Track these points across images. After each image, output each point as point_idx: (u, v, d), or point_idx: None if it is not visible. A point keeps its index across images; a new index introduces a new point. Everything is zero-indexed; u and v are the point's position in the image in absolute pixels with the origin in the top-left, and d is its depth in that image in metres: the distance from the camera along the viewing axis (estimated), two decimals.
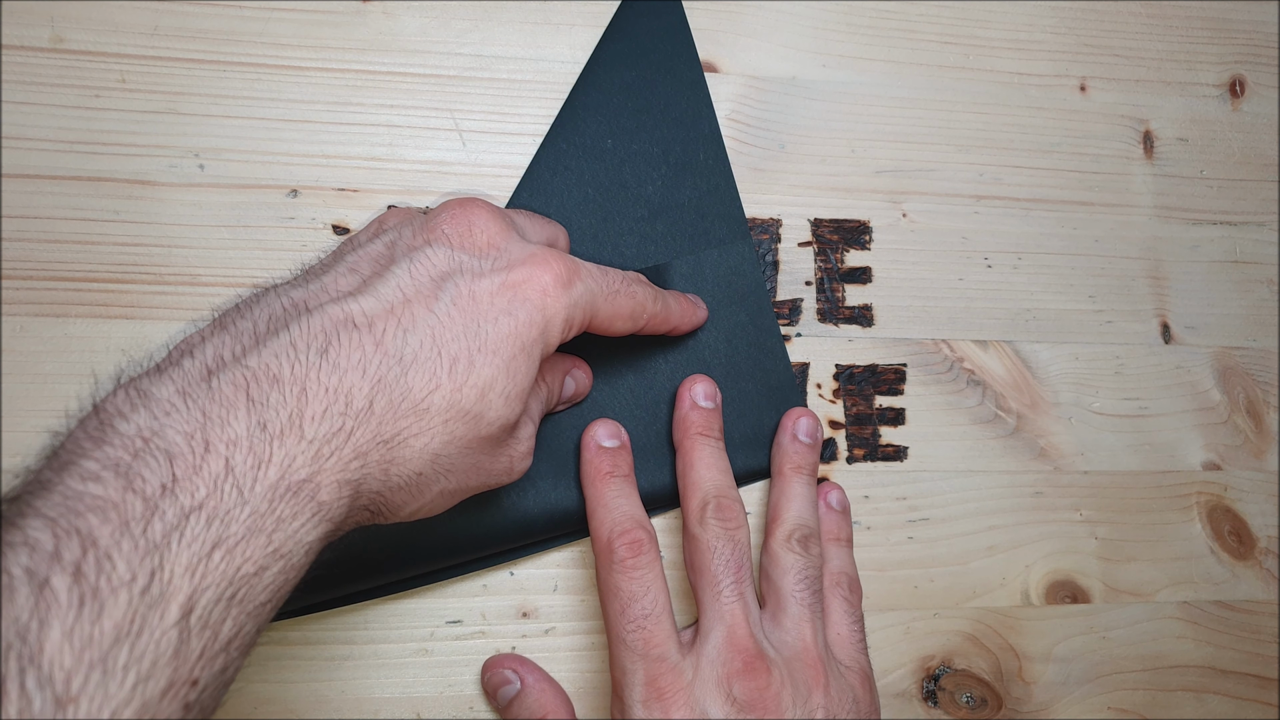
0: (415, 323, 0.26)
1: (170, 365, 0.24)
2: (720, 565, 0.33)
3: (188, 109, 0.36)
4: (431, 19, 0.38)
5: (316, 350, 0.25)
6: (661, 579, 0.33)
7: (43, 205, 0.35)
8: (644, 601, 0.32)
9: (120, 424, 0.22)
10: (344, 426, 0.24)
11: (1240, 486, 0.43)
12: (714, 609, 0.33)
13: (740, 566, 0.34)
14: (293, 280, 0.29)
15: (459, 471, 0.28)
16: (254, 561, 0.22)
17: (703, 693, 0.31)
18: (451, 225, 0.29)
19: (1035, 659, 0.40)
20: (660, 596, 0.33)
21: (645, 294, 0.33)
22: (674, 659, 0.32)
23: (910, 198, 0.41)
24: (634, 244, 0.38)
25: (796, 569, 0.35)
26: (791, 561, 0.35)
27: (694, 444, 0.36)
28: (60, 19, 0.35)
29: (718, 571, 0.33)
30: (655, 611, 0.32)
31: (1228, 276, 0.44)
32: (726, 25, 0.40)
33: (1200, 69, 0.45)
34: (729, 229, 0.39)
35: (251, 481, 0.22)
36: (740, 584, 0.33)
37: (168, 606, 0.20)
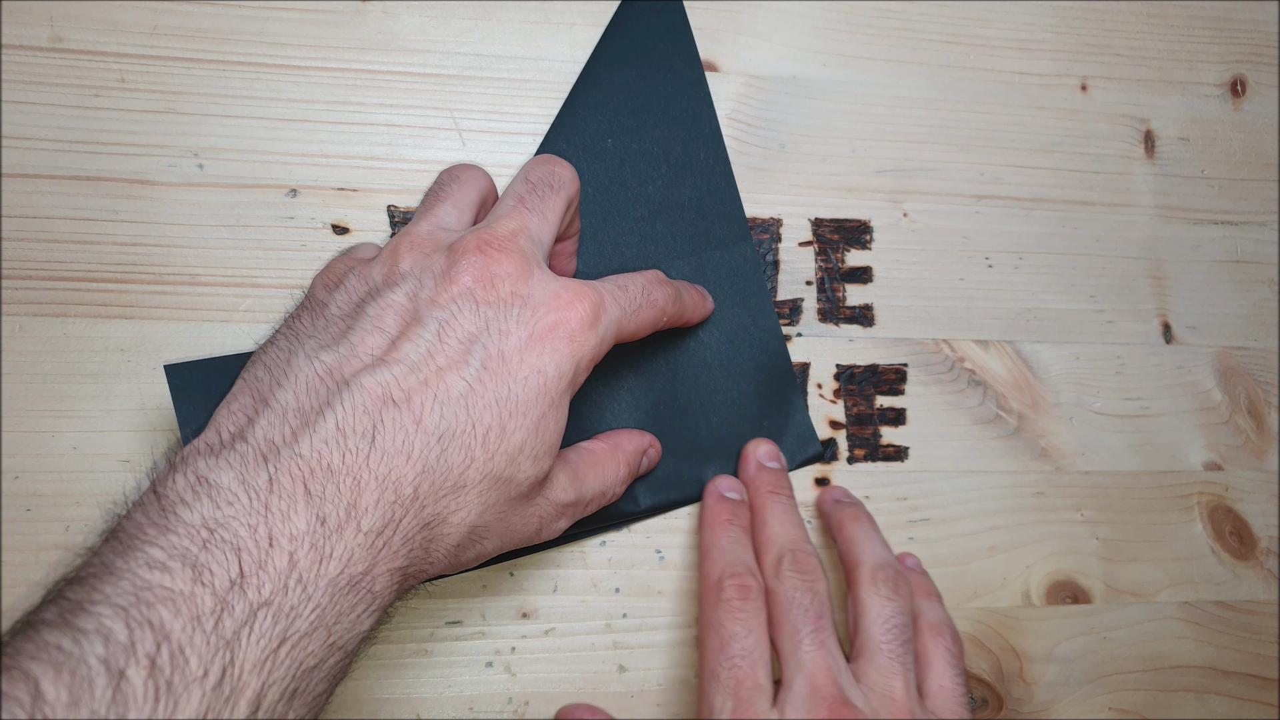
0: (450, 395, 0.26)
1: (225, 448, 0.24)
2: (799, 615, 0.33)
3: (187, 108, 0.36)
4: (431, 18, 0.38)
5: (364, 436, 0.25)
6: (765, 629, 0.33)
7: (42, 205, 0.35)
8: (745, 642, 0.32)
9: (184, 512, 0.22)
10: (394, 517, 0.25)
11: (1241, 487, 0.43)
12: (795, 659, 0.32)
13: (820, 616, 0.33)
14: (312, 326, 0.28)
15: (493, 536, 0.28)
16: (315, 655, 0.23)
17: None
18: (474, 278, 0.28)
19: (1036, 659, 0.40)
20: (762, 642, 0.32)
21: (665, 297, 0.33)
22: (763, 705, 0.31)
23: (911, 197, 0.41)
24: (634, 243, 0.38)
25: (884, 616, 0.34)
26: (879, 608, 0.34)
27: (765, 501, 0.36)
28: (60, 18, 0.35)
29: (797, 621, 0.33)
30: (754, 653, 0.32)
31: (1229, 276, 0.44)
32: (727, 25, 0.40)
33: (1201, 68, 0.44)
34: (729, 229, 0.39)
35: (314, 577, 0.23)
36: (820, 632, 0.33)
37: (238, 702, 0.21)
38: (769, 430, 0.38)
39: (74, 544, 0.34)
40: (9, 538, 0.34)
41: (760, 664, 0.32)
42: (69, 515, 0.34)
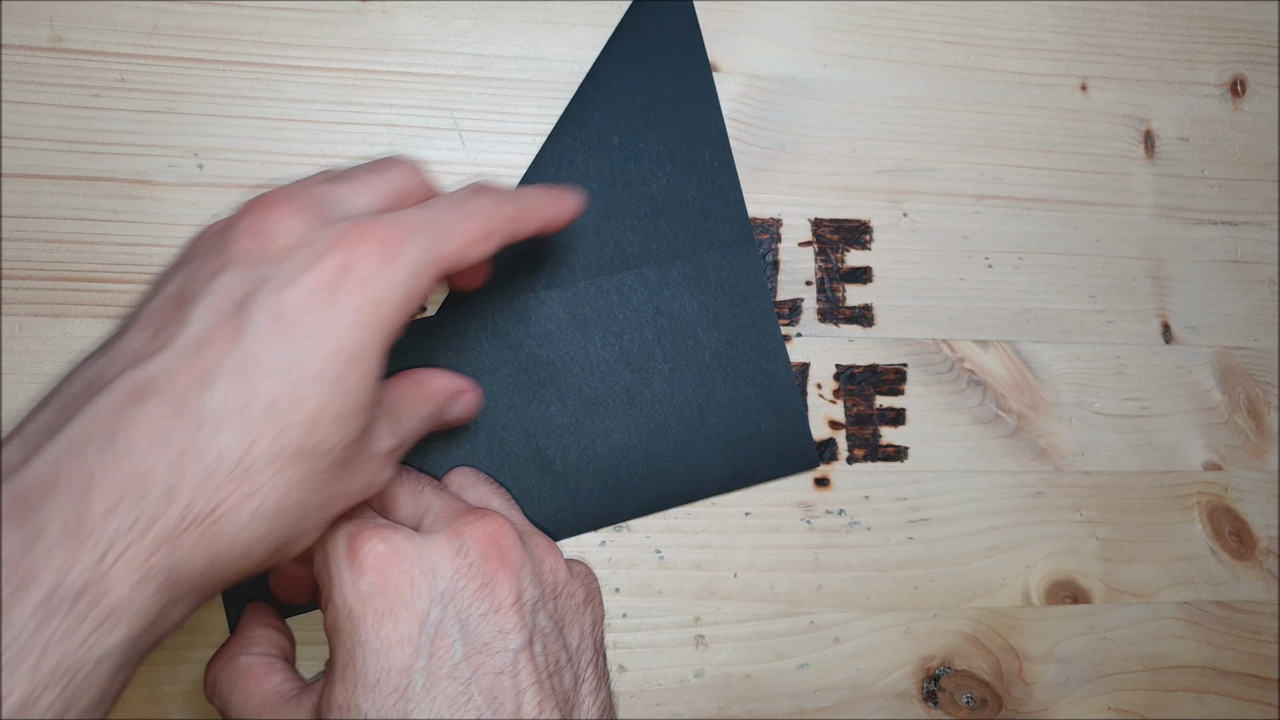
0: (218, 371, 0.23)
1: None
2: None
3: (187, 109, 0.36)
4: (431, 18, 0.38)
5: (104, 439, 0.22)
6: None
7: (42, 205, 0.35)
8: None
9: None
10: (139, 518, 0.22)
11: (1241, 487, 0.43)
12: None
13: None
14: (104, 342, 0.26)
15: (315, 508, 0.26)
16: (23, 687, 0.20)
17: None
18: (248, 236, 0.25)
19: (1036, 659, 0.40)
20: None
21: (490, 202, 0.29)
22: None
23: (911, 197, 0.41)
24: (636, 241, 0.38)
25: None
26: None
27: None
28: (60, 18, 0.35)
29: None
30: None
31: (1229, 276, 0.44)
32: (727, 25, 0.40)
33: (1201, 68, 0.44)
34: (732, 231, 0.39)
35: (12, 606, 0.21)
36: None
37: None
38: (766, 433, 0.38)
39: None
40: None
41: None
42: None
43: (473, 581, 0.27)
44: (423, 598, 0.26)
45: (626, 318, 0.37)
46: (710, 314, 0.38)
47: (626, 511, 0.37)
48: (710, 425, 0.38)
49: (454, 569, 0.27)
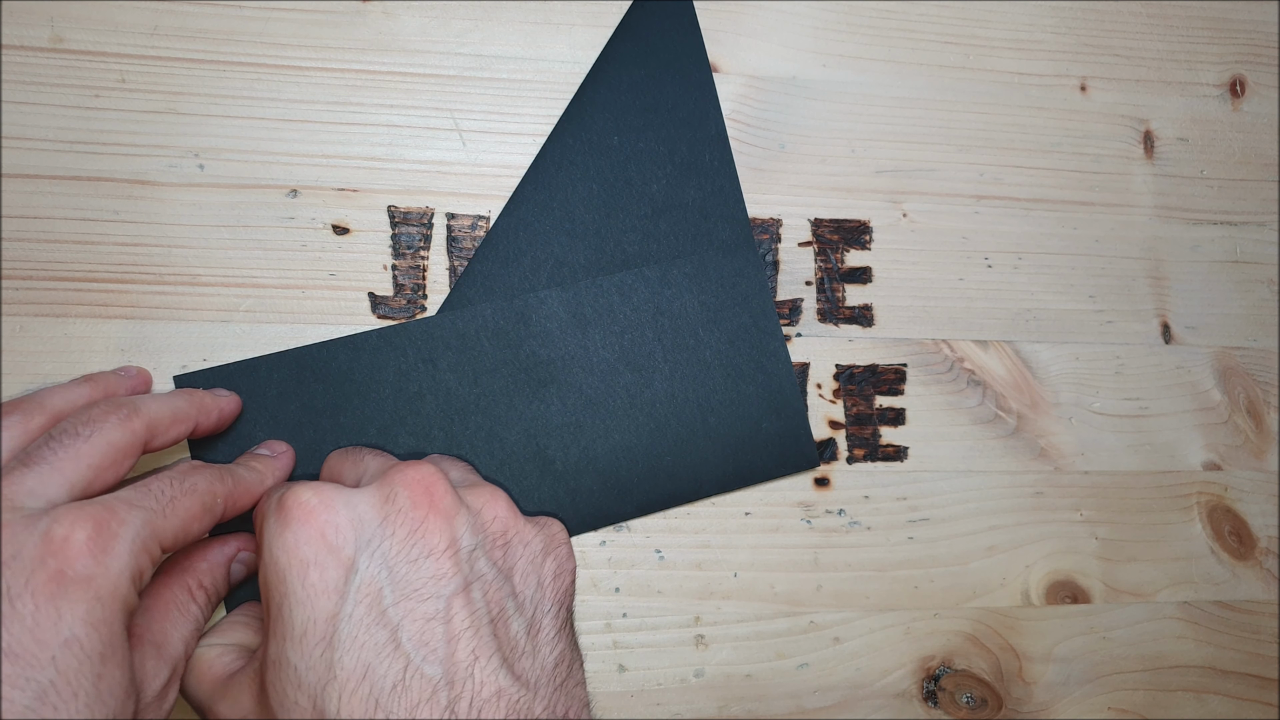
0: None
1: None
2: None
3: (187, 109, 0.36)
4: (431, 19, 0.38)
5: None
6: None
7: (43, 205, 0.35)
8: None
9: None
10: None
11: (1240, 487, 0.43)
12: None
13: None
14: None
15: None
16: None
17: None
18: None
19: (1035, 659, 0.40)
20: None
21: (206, 479, 0.28)
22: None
23: (910, 198, 0.41)
24: (636, 241, 0.38)
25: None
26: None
27: None
28: (60, 19, 0.35)
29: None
30: None
31: (1228, 276, 0.44)
32: (727, 25, 0.40)
33: (1200, 69, 0.44)
34: (732, 231, 0.39)
35: None
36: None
37: None
38: (767, 432, 0.38)
39: None
40: None
41: None
42: None
43: (401, 528, 0.27)
44: (349, 546, 0.26)
45: (627, 317, 0.37)
46: (711, 313, 0.38)
47: (627, 511, 0.37)
48: (710, 425, 0.38)
49: (382, 516, 0.27)
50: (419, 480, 0.28)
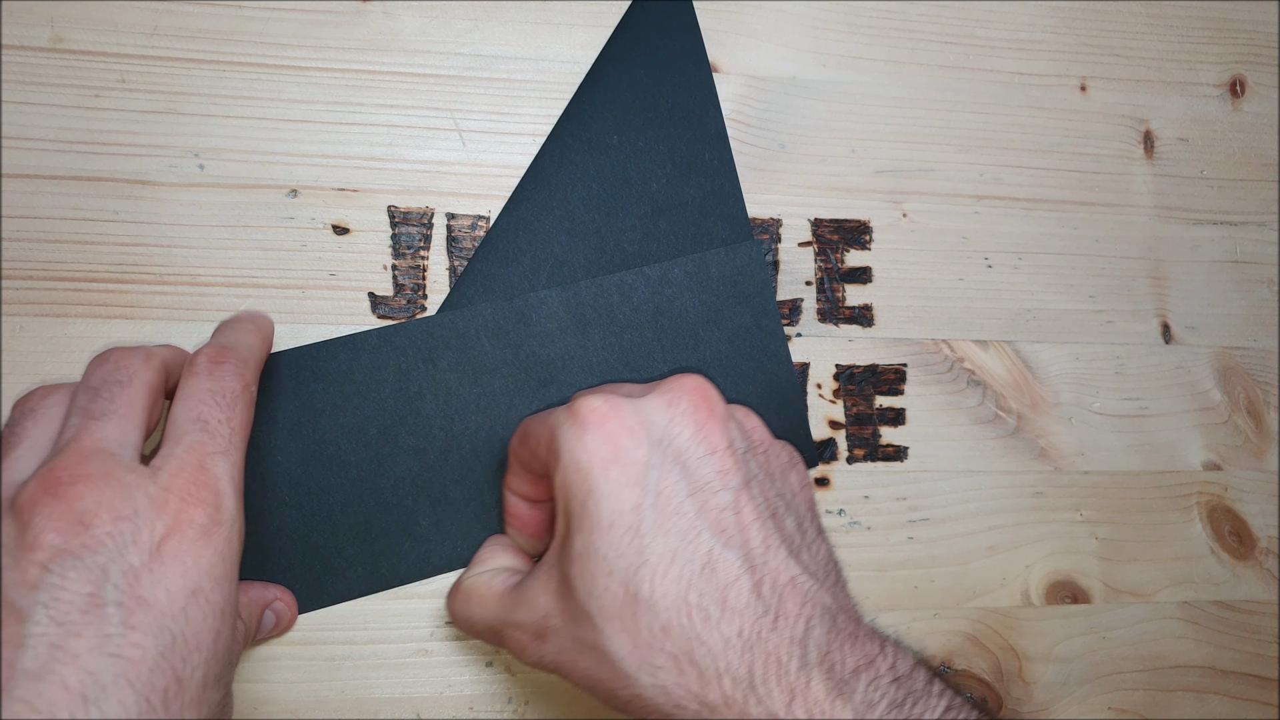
0: (101, 679, 0.22)
1: None
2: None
3: (187, 109, 0.36)
4: (431, 19, 0.38)
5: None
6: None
7: (43, 205, 0.35)
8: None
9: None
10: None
11: (1240, 487, 0.43)
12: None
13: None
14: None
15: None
16: None
17: None
18: (58, 530, 0.23)
19: (1035, 659, 0.40)
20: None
21: (233, 376, 0.29)
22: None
23: (910, 198, 0.41)
24: (636, 240, 0.38)
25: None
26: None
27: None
28: (60, 19, 0.35)
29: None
30: None
31: (1228, 276, 0.44)
32: (727, 25, 0.40)
33: (1200, 69, 0.44)
34: (732, 230, 0.39)
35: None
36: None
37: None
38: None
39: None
40: None
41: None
42: None
43: (686, 428, 0.28)
44: (642, 445, 0.28)
45: (627, 317, 0.37)
46: (711, 313, 0.38)
47: None
48: None
49: (668, 418, 0.29)
50: (696, 387, 0.29)
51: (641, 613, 0.26)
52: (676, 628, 0.26)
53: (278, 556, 0.34)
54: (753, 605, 0.26)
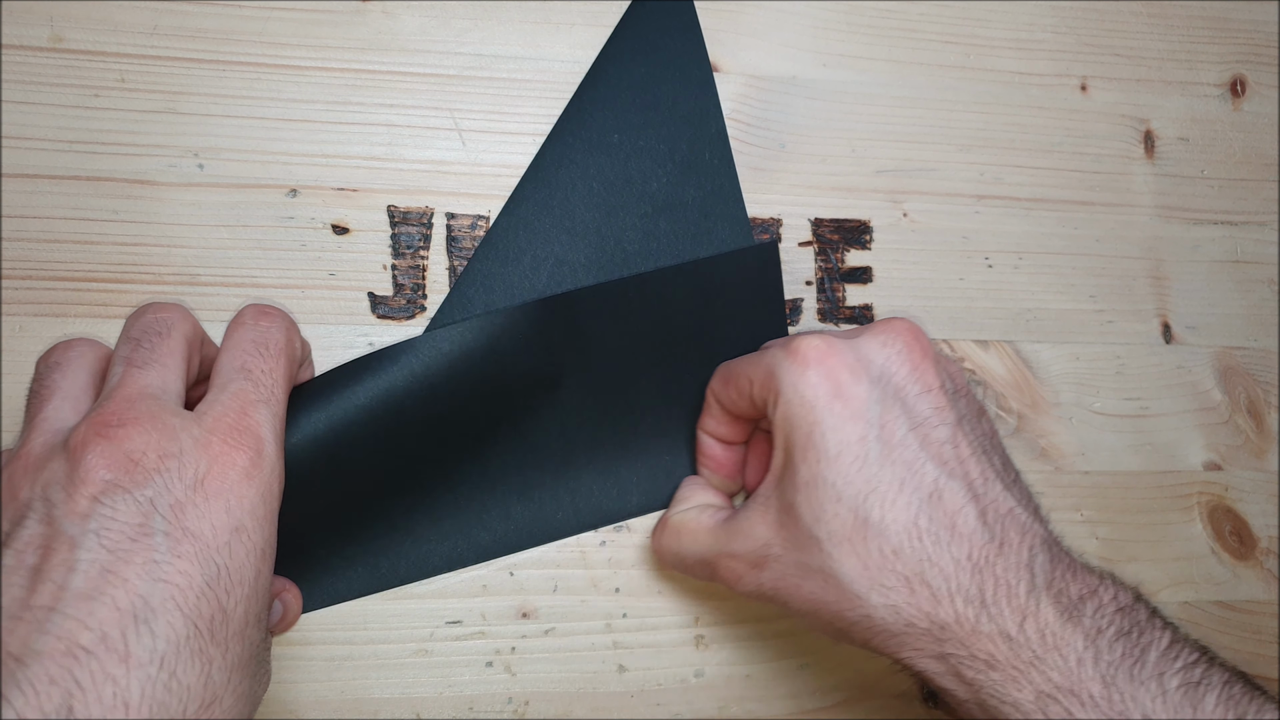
0: (150, 604, 0.22)
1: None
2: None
3: (187, 109, 0.36)
4: (431, 18, 0.38)
5: (60, 710, 0.20)
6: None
7: (42, 205, 0.35)
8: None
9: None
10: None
11: (1241, 486, 0.43)
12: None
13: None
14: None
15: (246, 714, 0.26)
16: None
17: None
18: (108, 466, 0.24)
19: None
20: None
21: (278, 329, 0.30)
22: None
23: (911, 197, 0.41)
24: (636, 240, 0.38)
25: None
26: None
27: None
28: (60, 19, 0.35)
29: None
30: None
31: (1229, 276, 0.44)
32: (727, 25, 0.40)
33: (1201, 69, 0.44)
34: (732, 230, 0.39)
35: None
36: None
37: None
38: None
39: None
40: None
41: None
42: None
43: (903, 367, 0.30)
44: (862, 382, 0.29)
45: (628, 320, 0.37)
46: (715, 314, 0.38)
47: (629, 509, 0.37)
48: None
49: (884, 357, 0.30)
50: (909, 329, 0.31)
51: (871, 536, 0.28)
52: (908, 550, 0.28)
53: (278, 556, 0.34)
54: (979, 532, 0.28)
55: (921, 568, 0.27)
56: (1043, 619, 0.27)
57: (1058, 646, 0.26)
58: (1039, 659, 0.26)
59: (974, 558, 0.27)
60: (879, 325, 0.31)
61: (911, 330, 0.31)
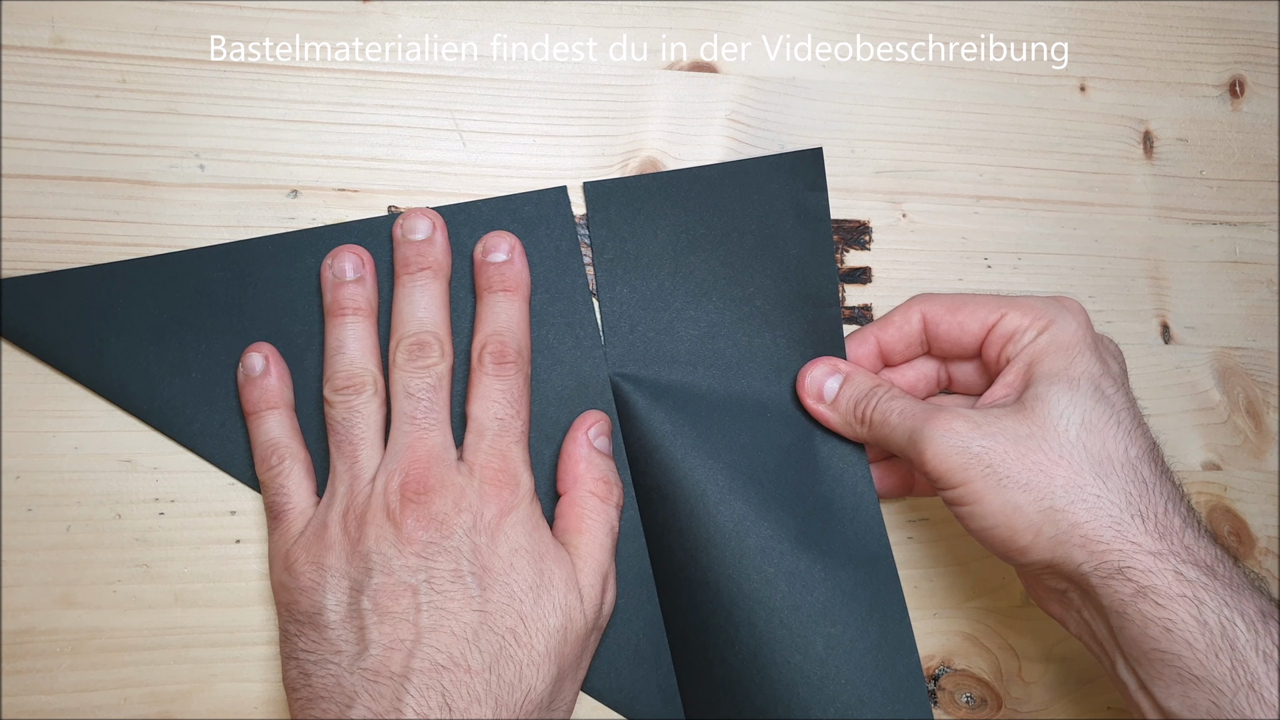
0: (469, 629, 0.30)
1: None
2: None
3: (188, 109, 0.36)
4: (431, 19, 0.38)
5: (439, 708, 0.28)
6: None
7: (43, 205, 0.35)
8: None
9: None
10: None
11: (1240, 487, 0.43)
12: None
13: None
14: (324, 643, 0.30)
15: (570, 682, 0.33)
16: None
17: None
18: (423, 527, 0.31)
19: (1035, 659, 0.40)
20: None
21: (519, 377, 0.34)
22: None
23: (910, 198, 0.41)
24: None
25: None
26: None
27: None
28: (60, 19, 0.35)
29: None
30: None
31: (1227, 277, 0.44)
32: (726, 25, 0.40)
33: (1200, 69, 0.45)
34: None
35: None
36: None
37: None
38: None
39: (75, 544, 0.34)
40: (9, 538, 0.34)
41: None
42: (70, 515, 0.34)
43: (1091, 333, 0.35)
44: (1091, 336, 0.35)
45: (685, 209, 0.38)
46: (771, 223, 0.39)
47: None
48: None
49: (1089, 327, 0.35)
50: (1086, 319, 0.35)
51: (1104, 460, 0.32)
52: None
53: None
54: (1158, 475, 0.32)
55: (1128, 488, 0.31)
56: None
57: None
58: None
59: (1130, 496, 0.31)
60: (1056, 302, 0.35)
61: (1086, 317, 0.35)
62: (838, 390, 0.37)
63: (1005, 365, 0.35)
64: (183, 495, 0.35)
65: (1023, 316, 0.34)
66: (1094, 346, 0.34)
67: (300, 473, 0.34)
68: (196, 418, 0.35)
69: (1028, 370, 0.34)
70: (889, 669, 0.34)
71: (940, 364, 0.38)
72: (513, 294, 0.35)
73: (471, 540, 0.31)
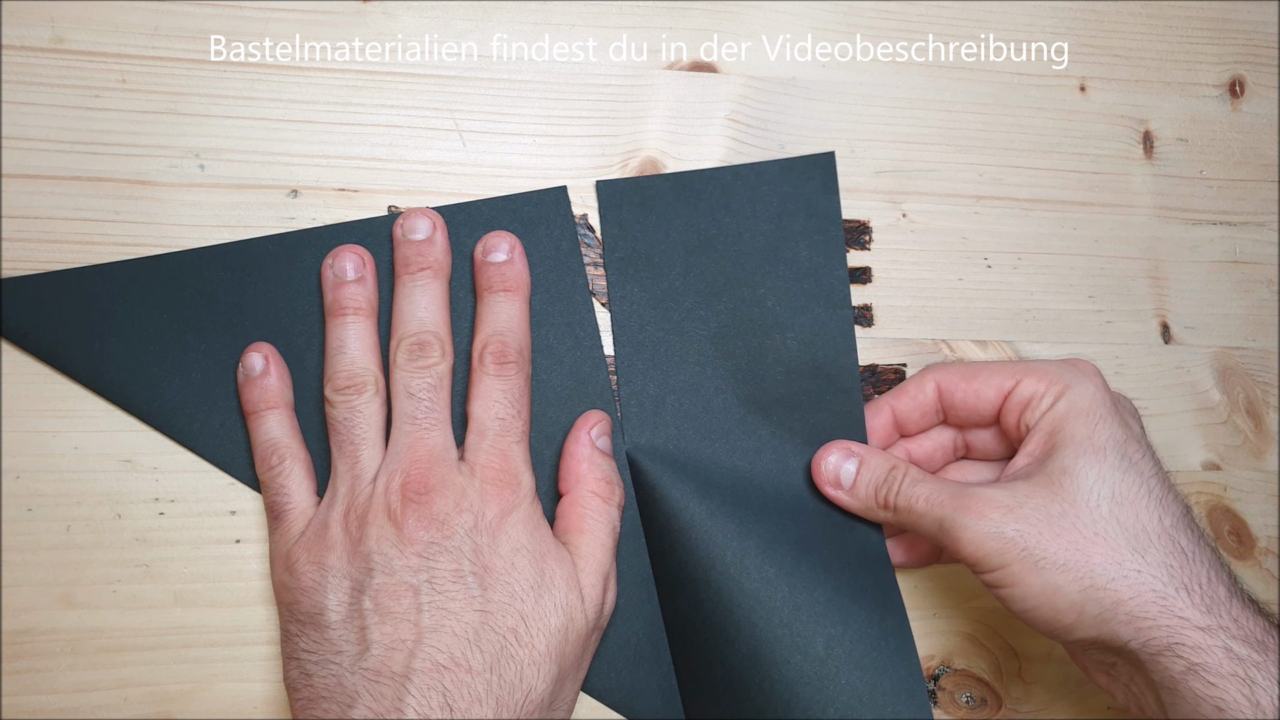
0: (470, 628, 0.30)
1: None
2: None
3: (188, 109, 0.36)
4: (431, 19, 0.38)
5: (441, 708, 0.28)
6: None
7: (43, 205, 0.35)
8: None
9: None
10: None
11: (1240, 486, 0.43)
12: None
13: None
14: (325, 643, 0.30)
15: (571, 680, 0.33)
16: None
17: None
18: (423, 527, 0.31)
19: (1035, 659, 0.40)
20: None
21: (519, 373, 0.34)
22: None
23: (910, 198, 0.41)
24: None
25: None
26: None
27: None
28: (60, 19, 0.35)
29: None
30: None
31: (1227, 277, 0.44)
32: (726, 25, 0.40)
33: (1200, 69, 0.45)
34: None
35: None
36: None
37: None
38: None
39: (75, 544, 0.34)
40: (9, 538, 0.34)
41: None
42: (70, 515, 0.34)
43: (1110, 396, 0.35)
44: (1110, 399, 0.35)
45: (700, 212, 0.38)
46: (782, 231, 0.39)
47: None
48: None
49: (1106, 388, 0.35)
50: (1102, 380, 0.35)
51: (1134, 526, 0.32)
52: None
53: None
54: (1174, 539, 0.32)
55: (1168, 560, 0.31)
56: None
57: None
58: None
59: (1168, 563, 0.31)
60: (1067, 364, 0.36)
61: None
62: (855, 475, 0.36)
63: (1025, 433, 0.35)
64: (183, 495, 0.35)
65: (1038, 382, 0.34)
66: (1114, 410, 0.34)
67: (300, 473, 0.34)
68: (196, 418, 0.35)
69: (1049, 439, 0.34)
70: (889, 669, 0.34)
71: (957, 432, 0.38)
72: (513, 294, 0.35)
73: (473, 540, 0.31)
